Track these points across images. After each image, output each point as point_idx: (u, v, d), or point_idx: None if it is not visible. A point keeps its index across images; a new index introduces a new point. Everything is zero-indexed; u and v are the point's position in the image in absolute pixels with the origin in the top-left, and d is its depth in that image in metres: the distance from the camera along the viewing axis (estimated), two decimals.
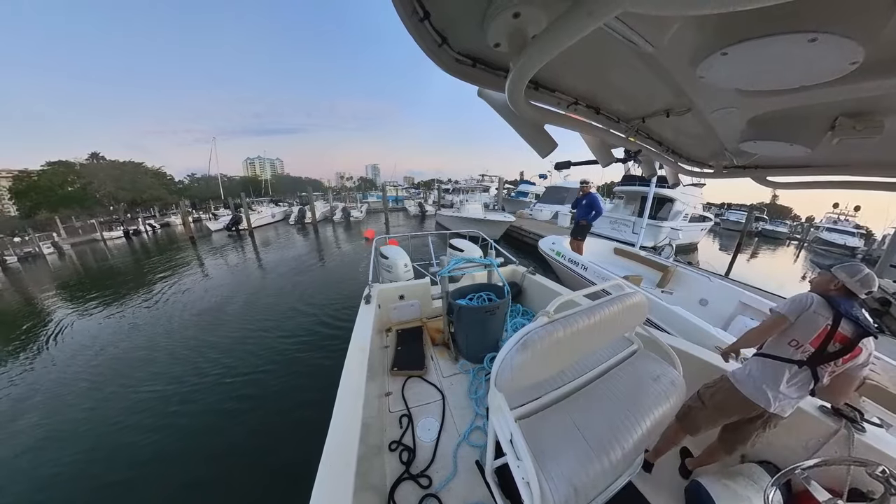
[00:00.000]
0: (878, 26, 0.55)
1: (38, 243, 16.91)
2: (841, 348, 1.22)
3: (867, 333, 1.20)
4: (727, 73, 0.73)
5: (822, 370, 1.27)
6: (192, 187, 46.98)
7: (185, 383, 4.33)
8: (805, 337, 1.28)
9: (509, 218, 13.28)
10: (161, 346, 5.54)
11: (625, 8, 0.49)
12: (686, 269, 5.13)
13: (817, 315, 1.27)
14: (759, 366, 1.39)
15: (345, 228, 20.56)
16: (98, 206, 29.80)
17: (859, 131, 0.96)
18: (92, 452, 3.30)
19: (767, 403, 1.32)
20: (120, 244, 19.51)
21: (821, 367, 1.26)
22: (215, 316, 6.65)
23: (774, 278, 11.48)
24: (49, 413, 3.97)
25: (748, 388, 1.37)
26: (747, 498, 1.36)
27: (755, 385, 1.36)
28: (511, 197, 23.07)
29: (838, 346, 1.23)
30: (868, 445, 1.32)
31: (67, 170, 31.25)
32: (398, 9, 0.70)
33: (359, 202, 32.43)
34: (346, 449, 1.15)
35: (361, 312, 2.37)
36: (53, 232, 20.32)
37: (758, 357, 1.41)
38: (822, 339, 1.24)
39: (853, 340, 1.21)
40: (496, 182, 26.16)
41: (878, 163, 1.44)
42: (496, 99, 1.19)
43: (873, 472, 0.91)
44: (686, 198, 11.58)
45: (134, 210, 32.33)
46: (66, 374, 4.86)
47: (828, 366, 1.26)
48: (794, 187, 1.95)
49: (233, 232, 20.08)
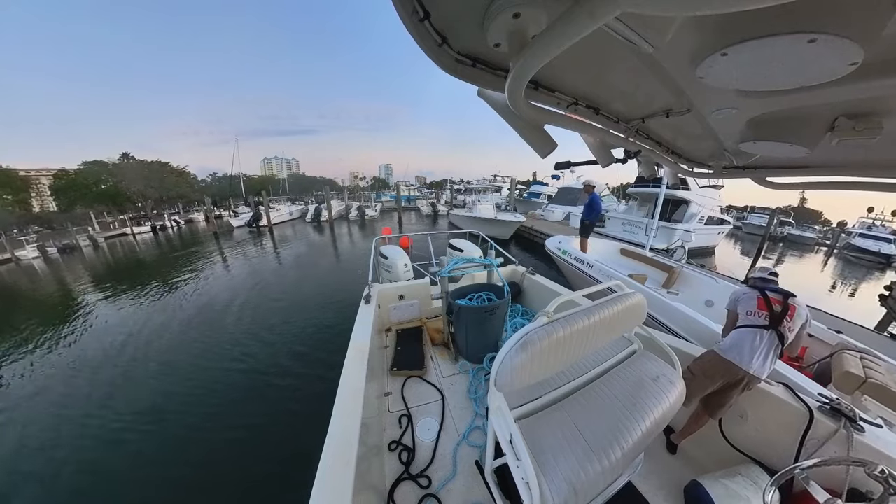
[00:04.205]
0: (878, 27, 0.55)
1: (76, 236, 17.66)
2: (783, 308, 1.65)
3: (789, 294, 1.69)
4: (727, 73, 0.73)
5: (783, 329, 1.61)
6: (214, 186, 48.51)
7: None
8: (752, 306, 1.70)
9: (520, 218, 13.36)
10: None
11: (625, 8, 0.49)
12: (692, 271, 5.13)
13: (748, 294, 1.76)
14: (736, 335, 1.70)
15: (360, 227, 20.89)
16: (128, 203, 31.69)
17: (859, 132, 0.96)
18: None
19: (748, 364, 1.58)
20: (147, 238, 20.29)
21: (781, 327, 1.61)
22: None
23: (801, 287, 10.94)
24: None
25: (731, 353, 1.64)
26: (746, 498, 1.36)
27: (737, 350, 1.63)
28: (523, 198, 23.09)
29: (779, 308, 1.65)
30: (867, 445, 1.32)
31: (101, 169, 33.31)
32: (398, 9, 0.69)
33: (373, 201, 32.66)
34: (345, 449, 1.14)
35: (361, 312, 2.37)
36: (88, 226, 21.16)
37: (736, 329, 1.74)
38: (765, 304, 1.67)
39: (785, 299, 1.67)
40: (508, 182, 26.21)
41: (878, 163, 1.44)
42: (496, 99, 1.19)
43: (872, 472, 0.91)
44: (702, 200, 11.33)
45: (160, 207, 33.52)
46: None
47: (784, 325, 1.61)
48: (793, 188, 1.95)
49: (253, 228, 20.62)
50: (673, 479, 1.63)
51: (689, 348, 1.92)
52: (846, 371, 2.15)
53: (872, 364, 2.23)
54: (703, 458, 1.77)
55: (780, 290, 1.73)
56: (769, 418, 1.60)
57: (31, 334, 6.42)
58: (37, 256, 15.29)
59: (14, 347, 5.88)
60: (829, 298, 10.12)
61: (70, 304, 8.18)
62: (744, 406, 1.67)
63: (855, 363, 2.22)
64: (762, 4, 0.43)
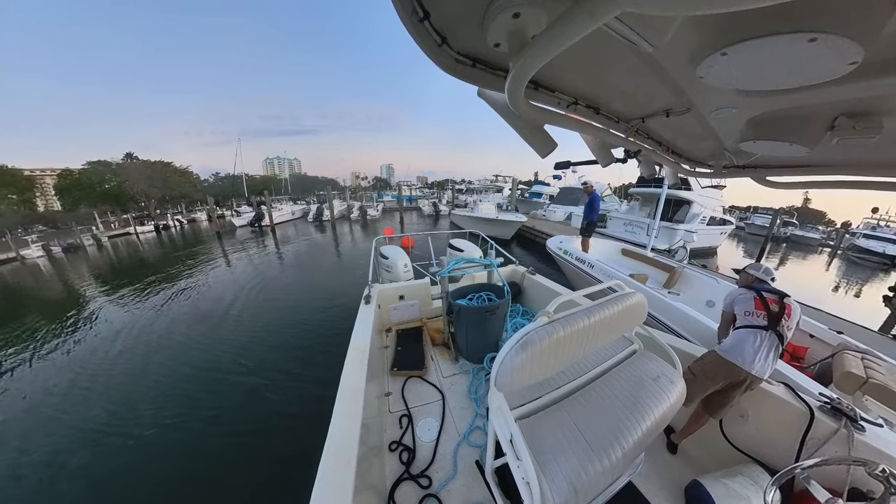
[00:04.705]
0: (878, 26, 0.55)
1: (80, 235, 17.90)
2: (780, 308, 1.67)
3: (784, 294, 1.73)
4: (727, 73, 0.73)
5: (781, 329, 1.63)
6: (217, 186, 48.77)
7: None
8: (750, 306, 1.71)
9: (521, 218, 13.36)
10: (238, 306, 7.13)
11: (624, 8, 0.49)
12: (693, 271, 5.13)
13: (744, 295, 1.78)
14: (736, 336, 1.71)
15: (362, 226, 20.90)
16: (131, 203, 31.87)
17: (858, 131, 0.96)
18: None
19: (750, 365, 1.58)
20: (151, 238, 20.41)
21: (780, 327, 1.63)
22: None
23: (805, 288, 10.57)
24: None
25: (732, 354, 1.64)
26: (747, 498, 1.36)
27: (738, 351, 1.63)
28: (525, 198, 23.03)
29: (777, 308, 1.67)
30: (868, 444, 1.32)
31: (105, 168, 33.11)
32: (398, 9, 0.69)
33: (374, 201, 32.71)
34: (346, 449, 1.14)
35: (361, 312, 2.36)
36: (92, 225, 21.43)
37: (735, 330, 1.75)
38: (762, 304, 1.69)
39: (781, 299, 1.70)
40: (510, 182, 26.13)
41: (878, 162, 1.44)
42: (496, 99, 1.19)
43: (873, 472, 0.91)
44: (704, 200, 11.27)
45: (163, 206, 33.71)
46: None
47: (783, 324, 1.63)
48: (793, 187, 1.95)
49: (255, 228, 20.70)
50: (673, 479, 1.63)
51: (690, 348, 1.92)
52: (847, 371, 2.14)
53: (874, 364, 2.22)
54: (703, 458, 1.77)
55: (775, 291, 1.76)
56: (770, 418, 1.60)
57: (36, 331, 6.49)
58: (41, 255, 15.46)
59: (17, 343, 5.92)
60: (832, 300, 10.04)
61: (73, 303, 8.22)
62: (744, 406, 1.67)
63: (856, 363, 2.22)
64: (762, 4, 0.43)
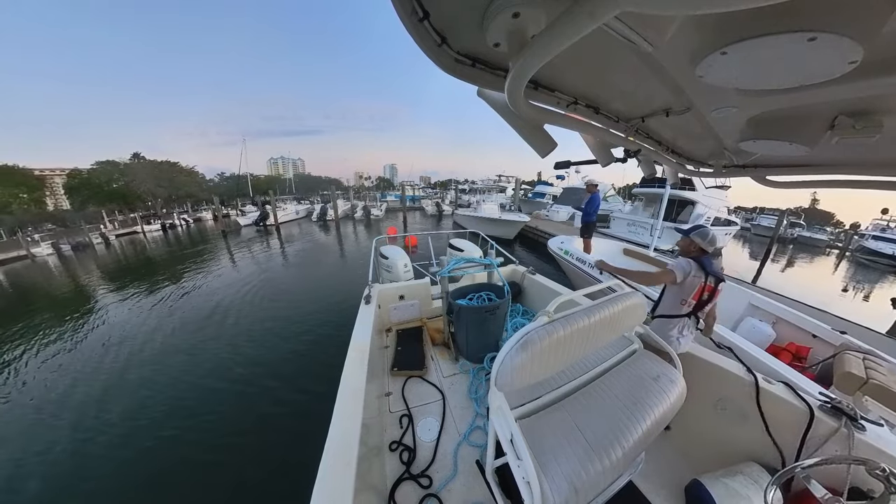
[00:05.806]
0: (877, 25, 0.55)
1: (88, 234, 18.23)
2: (709, 296, 1.76)
3: (721, 280, 1.77)
4: (727, 72, 0.73)
5: (700, 314, 1.79)
6: (222, 185, 49.50)
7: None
8: (689, 295, 1.77)
9: (524, 218, 13.39)
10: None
11: (624, 7, 0.49)
12: None
13: (695, 278, 1.74)
14: (660, 325, 1.82)
15: (365, 226, 21.02)
16: (139, 202, 32.54)
17: (858, 130, 0.96)
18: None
19: (675, 348, 1.71)
20: (157, 236, 20.70)
21: (700, 313, 1.78)
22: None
23: (812, 290, 10.38)
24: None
25: (653, 337, 1.76)
26: (747, 497, 1.36)
27: (660, 336, 1.74)
28: (528, 198, 23.07)
29: (707, 296, 1.76)
30: (868, 444, 1.32)
31: (113, 168, 33.95)
32: (398, 9, 0.69)
33: (378, 201, 32.91)
34: (346, 449, 1.14)
35: (361, 312, 2.36)
36: (100, 224, 21.80)
37: (658, 318, 1.85)
38: (699, 294, 1.76)
39: (715, 287, 1.76)
40: (513, 183, 25.94)
41: (878, 162, 1.44)
42: (496, 99, 1.19)
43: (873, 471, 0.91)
44: (709, 200, 11.18)
45: (170, 206, 34.25)
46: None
47: (704, 310, 1.78)
48: (793, 186, 1.95)
49: (260, 227, 20.99)
50: (674, 479, 1.63)
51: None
52: (847, 371, 2.13)
53: (875, 365, 2.21)
54: (703, 458, 1.77)
55: (720, 276, 1.81)
56: (770, 417, 1.60)
57: (43, 327, 6.61)
58: (51, 253, 15.73)
59: (21, 340, 6.03)
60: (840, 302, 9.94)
61: (81, 300, 8.39)
62: (745, 406, 1.67)
63: (857, 364, 2.21)
64: (762, 3, 0.43)
